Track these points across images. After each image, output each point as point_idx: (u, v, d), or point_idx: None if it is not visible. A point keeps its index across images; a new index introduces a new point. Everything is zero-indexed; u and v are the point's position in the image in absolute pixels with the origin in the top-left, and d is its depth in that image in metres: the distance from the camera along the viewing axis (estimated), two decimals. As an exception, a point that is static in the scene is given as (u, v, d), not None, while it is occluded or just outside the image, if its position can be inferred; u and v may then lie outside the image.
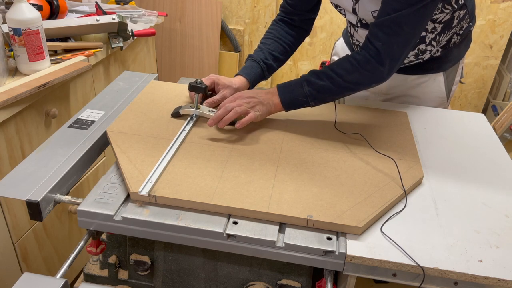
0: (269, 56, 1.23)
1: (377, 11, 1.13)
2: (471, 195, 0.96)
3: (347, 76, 1.03)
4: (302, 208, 0.85)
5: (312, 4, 1.25)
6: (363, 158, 1.02)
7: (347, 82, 1.04)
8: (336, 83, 1.04)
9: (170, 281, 0.95)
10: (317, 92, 1.05)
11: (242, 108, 1.05)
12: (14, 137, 1.36)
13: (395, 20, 0.98)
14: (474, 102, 2.82)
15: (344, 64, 1.04)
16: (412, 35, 1.01)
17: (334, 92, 1.06)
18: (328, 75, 1.04)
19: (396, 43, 1.00)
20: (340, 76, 1.03)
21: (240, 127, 1.05)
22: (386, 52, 1.00)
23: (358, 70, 1.02)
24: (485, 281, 0.77)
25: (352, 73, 1.03)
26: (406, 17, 0.98)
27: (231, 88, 1.17)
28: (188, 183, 0.90)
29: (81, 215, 0.85)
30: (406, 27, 0.99)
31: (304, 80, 1.07)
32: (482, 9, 2.53)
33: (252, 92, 1.09)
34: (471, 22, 1.26)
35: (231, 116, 1.05)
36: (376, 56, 1.00)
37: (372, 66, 1.01)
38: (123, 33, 1.75)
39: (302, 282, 0.90)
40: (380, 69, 1.02)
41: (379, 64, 1.01)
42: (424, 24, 1.02)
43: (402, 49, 1.01)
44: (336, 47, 1.52)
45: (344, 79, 1.03)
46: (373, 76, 1.03)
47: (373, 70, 1.02)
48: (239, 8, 2.79)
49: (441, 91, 1.34)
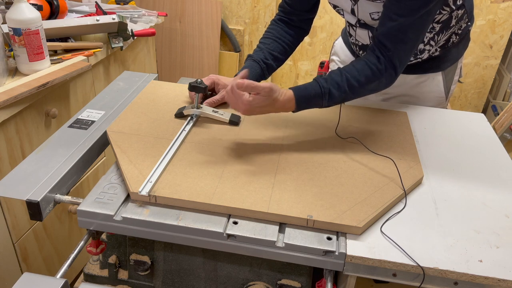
0: (268, 56, 1.22)
1: (375, 13, 1.13)
2: (471, 195, 0.96)
3: (368, 85, 1.03)
4: (302, 208, 0.85)
5: (310, 4, 1.25)
6: (363, 158, 1.02)
7: (367, 90, 1.05)
8: (356, 92, 1.04)
9: (170, 281, 0.95)
10: (334, 103, 1.04)
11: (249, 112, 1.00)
12: (14, 137, 1.36)
13: (400, 29, 1.00)
14: (474, 102, 2.82)
15: (366, 72, 1.03)
16: (417, 40, 1.03)
17: (349, 98, 1.05)
18: (350, 84, 1.01)
19: (403, 50, 1.02)
20: (362, 85, 1.03)
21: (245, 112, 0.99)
22: (398, 60, 1.02)
23: (379, 79, 1.03)
24: (485, 281, 0.77)
25: (373, 81, 1.03)
26: (410, 25, 0.99)
27: None
28: (188, 183, 0.90)
29: (81, 215, 0.85)
30: (411, 34, 1.00)
31: (327, 93, 1.00)
32: (482, 9, 2.53)
33: (269, 100, 0.97)
34: (469, 22, 1.26)
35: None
36: (391, 64, 1.02)
37: (389, 74, 1.03)
38: (123, 33, 1.75)
39: (302, 282, 0.90)
40: (393, 76, 1.04)
41: (394, 72, 1.03)
42: (427, 27, 1.03)
43: (409, 54, 1.04)
44: (335, 47, 1.52)
45: (365, 88, 1.04)
46: (387, 83, 1.05)
47: (389, 77, 1.04)
48: (239, 8, 2.79)
49: (439, 90, 1.34)
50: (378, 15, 1.14)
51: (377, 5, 1.11)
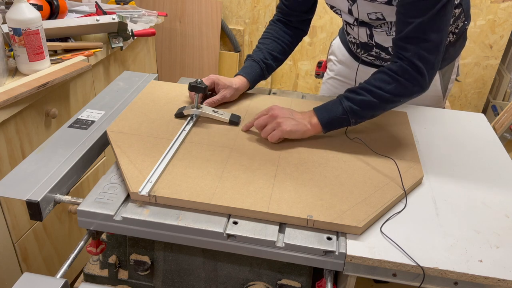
0: (268, 56, 1.23)
1: (373, 13, 1.13)
2: (471, 195, 0.96)
3: (386, 87, 1.00)
4: (302, 208, 0.85)
5: (308, 6, 1.25)
6: (363, 158, 1.02)
7: (388, 93, 1.00)
8: (376, 96, 1.00)
9: (170, 281, 0.95)
10: (357, 107, 1.01)
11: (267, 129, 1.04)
12: (14, 137, 1.36)
13: (419, 28, 0.97)
14: (474, 102, 2.82)
15: (381, 76, 1.01)
16: (439, 37, 0.99)
17: (375, 105, 1.01)
18: (366, 89, 1.01)
19: (427, 50, 0.98)
20: (379, 88, 1.00)
21: (272, 141, 1.04)
22: (420, 60, 0.98)
23: (398, 81, 0.99)
24: (485, 281, 0.77)
25: (391, 83, 1.00)
26: (428, 24, 0.96)
27: (231, 88, 1.18)
28: (188, 183, 0.90)
29: (81, 215, 0.85)
30: (431, 32, 0.97)
31: (343, 97, 1.03)
32: (482, 9, 2.53)
33: (287, 109, 1.05)
34: (466, 21, 1.27)
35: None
36: (412, 66, 0.99)
37: (411, 76, 0.99)
38: (123, 33, 1.75)
39: (302, 282, 0.90)
40: (419, 78, 0.99)
41: (418, 73, 0.99)
42: (447, 24, 0.99)
43: (435, 54, 0.99)
44: (333, 46, 1.52)
45: (384, 90, 1.00)
46: (413, 86, 1.00)
47: (412, 79, 0.99)
48: (239, 8, 2.79)
49: (437, 89, 1.34)
50: (376, 15, 1.14)
51: (375, 6, 1.11)
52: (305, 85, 2.95)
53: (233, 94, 1.19)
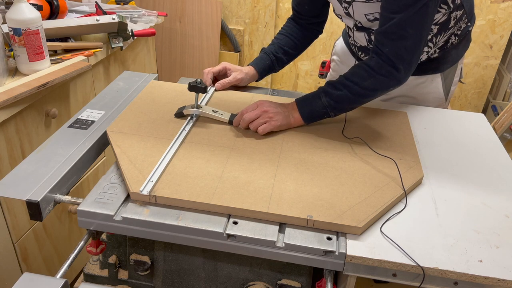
0: (279, 50, 1.32)
1: (370, 13, 1.13)
2: (471, 195, 0.96)
3: (363, 83, 1.04)
4: (302, 208, 0.85)
5: (316, 12, 1.31)
6: (363, 158, 1.02)
7: (364, 88, 1.04)
8: (353, 91, 1.05)
9: (170, 281, 0.95)
10: (335, 102, 1.06)
11: (258, 121, 1.08)
12: (14, 137, 1.36)
13: (399, 25, 0.99)
14: (474, 102, 2.82)
15: (359, 72, 1.05)
16: (419, 35, 1.00)
17: (352, 100, 1.06)
18: (344, 84, 1.06)
19: (404, 47, 1.00)
20: (356, 83, 1.04)
21: (263, 132, 1.08)
22: (396, 57, 1.01)
23: (374, 76, 1.03)
24: (485, 281, 0.77)
25: (368, 79, 1.03)
26: (408, 20, 0.98)
27: (242, 73, 1.28)
28: (188, 183, 0.90)
29: (81, 215, 0.85)
30: (411, 29, 0.99)
31: (322, 91, 1.08)
32: (482, 9, 2.53)
33: (274, 103, 1.11)
34: (469, 22, 1.26)
35: (245, 126, 1.09)
36: (388, 61, 1.01)
37: (386, 71, 1.02)
38: (123, 33, 1.75)
39: (302, 282, 0.90)
40: (394, 73, 1.02)
41: (393, 68, 1.02)
42: (428, 23, 1.01)
43: (412, 51, 1.01)
44: (336, 47, 1.52)
45: (360, 86, 1.04)
46: (389, 80, 1.03)
47: (388, 74, 1.02)
48: (239, 8, 2.79)
49: (439, 92, 1.34)
50: (373, 16, 1.14)
51: (372, 6, 1.11)
52: (305, 85, 2.95)
53: (243, 77, 1.28)
